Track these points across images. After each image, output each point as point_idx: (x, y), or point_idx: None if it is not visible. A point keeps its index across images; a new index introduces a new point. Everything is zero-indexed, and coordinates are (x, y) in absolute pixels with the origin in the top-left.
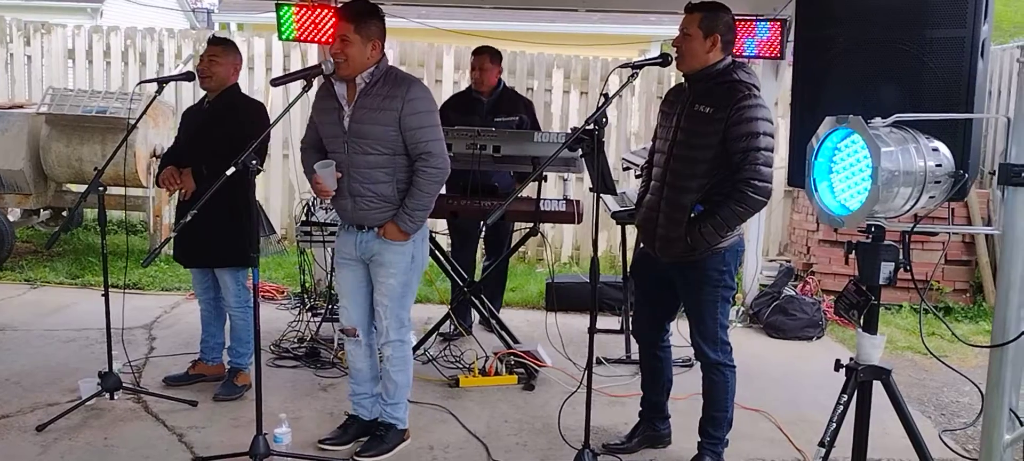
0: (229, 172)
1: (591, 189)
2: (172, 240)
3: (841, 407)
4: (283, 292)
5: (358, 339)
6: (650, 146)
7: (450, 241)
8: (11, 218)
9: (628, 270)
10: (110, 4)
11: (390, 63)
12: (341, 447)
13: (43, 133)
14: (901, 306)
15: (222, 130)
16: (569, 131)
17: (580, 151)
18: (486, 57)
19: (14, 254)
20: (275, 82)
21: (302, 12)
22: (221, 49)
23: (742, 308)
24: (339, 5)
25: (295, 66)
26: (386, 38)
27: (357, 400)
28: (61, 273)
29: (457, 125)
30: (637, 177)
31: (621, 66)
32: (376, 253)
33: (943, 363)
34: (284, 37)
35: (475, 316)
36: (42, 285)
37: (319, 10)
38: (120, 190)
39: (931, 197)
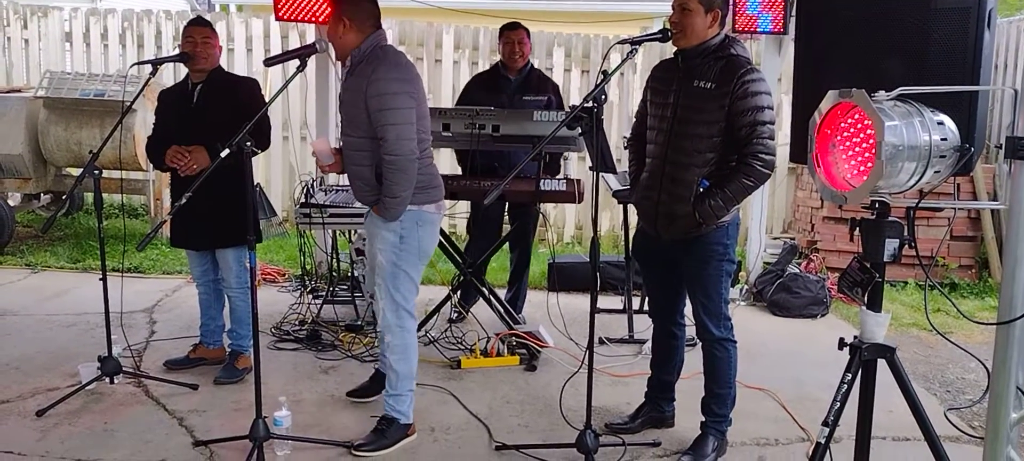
0: (224, 154)
1: (591, 168)
2: (169, 224)
3: (845, 386)
4: (284, 274)
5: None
6: (635, 122)
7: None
8: (11, 203)
9: (629, 251)
10: None
11: (388, 43)
12: (369, 398)
13: (41, 117)
14: (906, 283)
15: (229, 109)
16: (568, 109)
17: (579, 130)
18: (523, 31)
19: (15, 239)
20: (268, 62)
21: None
22: (211, 30)
23: (746, 286)
24: None
25: (293, 46)
26: (379, 17)
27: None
28: (62, 257)
29: (483, 105)
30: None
31: (619, 42)
32: (372, 230)
33: (948, 340)
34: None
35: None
36: (43, 270)
37: None
38: (117, 173)
39: (936, 172)
